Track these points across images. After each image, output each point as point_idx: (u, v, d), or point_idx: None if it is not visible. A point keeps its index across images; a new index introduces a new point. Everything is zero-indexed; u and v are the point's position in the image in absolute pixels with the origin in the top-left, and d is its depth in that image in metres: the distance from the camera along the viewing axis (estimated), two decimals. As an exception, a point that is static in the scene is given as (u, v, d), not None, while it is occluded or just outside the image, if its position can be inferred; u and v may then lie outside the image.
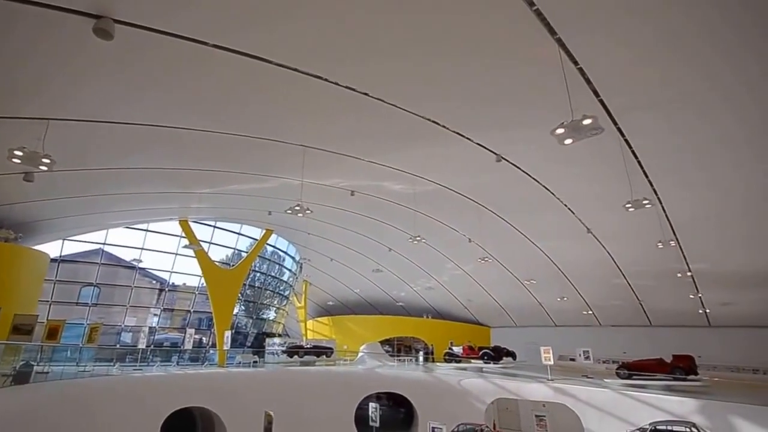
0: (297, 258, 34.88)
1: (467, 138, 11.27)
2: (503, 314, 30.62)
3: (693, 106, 9.29)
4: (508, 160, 12.42)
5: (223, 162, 13.94)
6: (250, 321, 32.00)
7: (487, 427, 16.50)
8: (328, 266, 31.71)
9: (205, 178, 15.22)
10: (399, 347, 35.26)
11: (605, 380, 18.53)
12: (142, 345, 21.44)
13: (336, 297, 39.29)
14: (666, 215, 13.93)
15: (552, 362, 19.23)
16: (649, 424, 12.73)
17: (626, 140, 10.52)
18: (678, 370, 17.33)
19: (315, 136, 11.75)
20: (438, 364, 26.18)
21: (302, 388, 18.83)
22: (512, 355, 25.50)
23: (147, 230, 24.14)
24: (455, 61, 8.37)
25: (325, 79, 8.70)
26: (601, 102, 9.12)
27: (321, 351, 25.26)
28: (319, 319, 42.15)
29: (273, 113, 10.57)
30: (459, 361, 25.42)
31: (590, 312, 25.55)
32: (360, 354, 26.34)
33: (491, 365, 23.88)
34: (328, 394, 18.61)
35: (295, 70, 8.29)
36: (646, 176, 11.89)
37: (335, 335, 35.45)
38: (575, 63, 8.01)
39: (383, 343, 32.01)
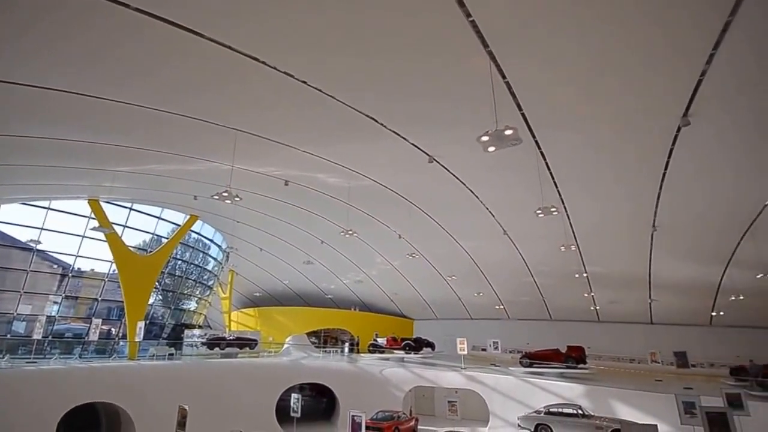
0: (223, 246, 33.11)
1: (403, 137, 11.49)
2: (426, 307, 31.84)
3: (602, 127, 10.39)
4: (439, 162, 12.88)
5: (144, 139, 12.76)
6: (168, 311, 29.76)
7: (403, 413, 17.12)
8: (257, 256, 30.57)
9: (121, 154, 13.68)
10: (326, 339, 35.20)
11: (510, 368, 20.12)
12: (37, 335, 18.98)
13: (263, 288, 38.03)
14: (570, 222, 15.44)
15: (466, 352, 20.42)
16: (544, 407, 14.07)
17: (542, 152, 11.44)
18: (570, 359, 19.34)
19: (248, 121, 11.21)
20: (362, 354, 26.58)
21: (222, 381, 18.01)
22: (432, 345, 26.62)
23: (48, 208, 21.27)
24: (395, 61, 8.48)
25: (263, 62, 8.32)
26: (523, 115, 9.80)
27: (244, 343, 24.31)
28: (244, 310, 40.51)
29: (201, 89, 9.80)
30: (383, 352, 25.98)
31: (502, 306, 27.53)
32: (285, 346, 25.83)
33: (412, 355, 24.74)
34: (249, 387, 18.00)
35: (229, 47, 7.83)
36: (556, 186, 13.05)
37: (261, 327, 34.36)
38: (503, 77, 8.52)
39: (310, 334, 31.71)
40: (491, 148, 7.35)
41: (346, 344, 29.56)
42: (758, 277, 16.02)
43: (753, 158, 10.79)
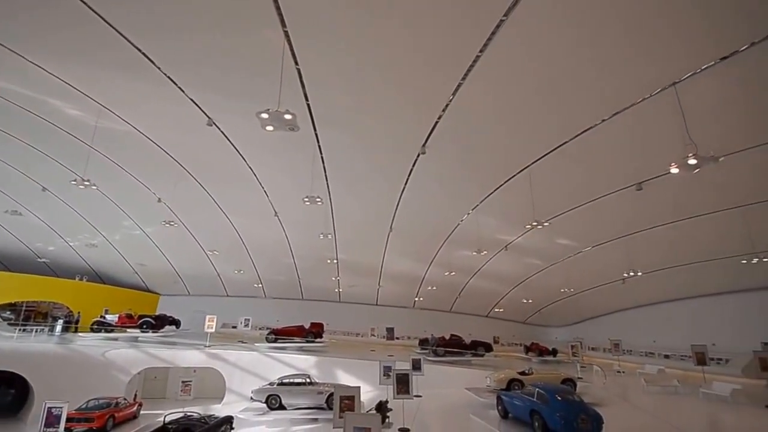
0: None
1: (180, 88, 10.05)
2: (178, 282, 28.75)
3: (373, 141, 11.89)
4: (219, 128, 11.86)
5: None
6: None
7: (124, 399, 14.90)
8: None
9: None
10: (29, 314, 26.80)
11: (256, 344, 20.45)
12: None
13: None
14: (332, 214, 17.03)
15: (213, 330, 19.56)
16: (278, 379, 14.94)
17: (320, 146, 12.19)
18: (311, 334, 21.28)
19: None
20: (82, 334, 21.54)
21: None
22: (176, 323, 24.20)
23: None
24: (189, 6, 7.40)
25: None
26: (308, 106, 10.20)
27: None
28: None
29: None
30: (112, 331, 21.81)
31: (260, 285, 27.72)
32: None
33: (150, 334, 21.79)
34: None
35: None
36: (326, 179, 14.15)
37: None
38: (296, 63, 8.65)
39: (4, 308, 23.56)
40: (269, 128, 7.33)
41: (60, 321, 23.33)
42: (446, 274, 21.84)
43: (456, 187, 14.59)
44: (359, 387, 9.09)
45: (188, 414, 11.88)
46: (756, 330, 17.76)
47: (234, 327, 24.39)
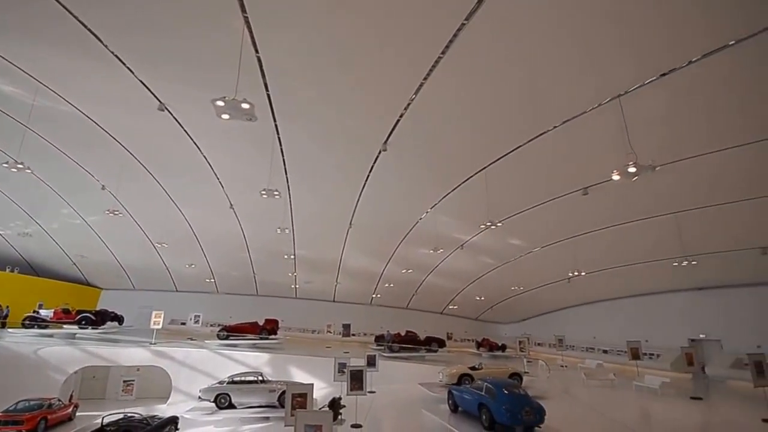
0: None
1: (129, 68, 9.37)
2: (122, 276, 27.03)
3: (334, 136, 11.70)
4: (172, 114, 11.21)
5: None
6: None
7: (58, 400, 13.79)
8: None
9: None
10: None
11: (206, 342, 19.65)
12: None
13: None
14: (291, 208, 16.65)
15: (160, 326, 18.57)
16: (228, 377, 14.39)
17: (279, 138, 11.84)
18: (265, 331, 20.76)
19: None
20: (12, 330, 19.67)
21: None
22: (119, 319, 22.77)
23: None
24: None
25: None
26: (269, 96, 9.87)
27: None
28: None
29: None
30: (47, 327, 20.12)
31: (213, 279, 26.65)
32: None
33: (89, 331, 20.34)
34: None
35: None
36: (286, 173, 13.79)
37: None
38: (256, 51, 8.33)
39: None
40: (225, 116, 7.02)
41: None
42: (403, 271, 22.06)
43: (416, 186, 14.73)
44: (312, 384, 8.94)
45: (129, 415, 11.21)
46: (684, 327, 19.40)
47: (183, 324, 23.33)
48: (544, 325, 29.12)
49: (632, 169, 7.55)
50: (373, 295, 28.37)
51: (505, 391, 9.24)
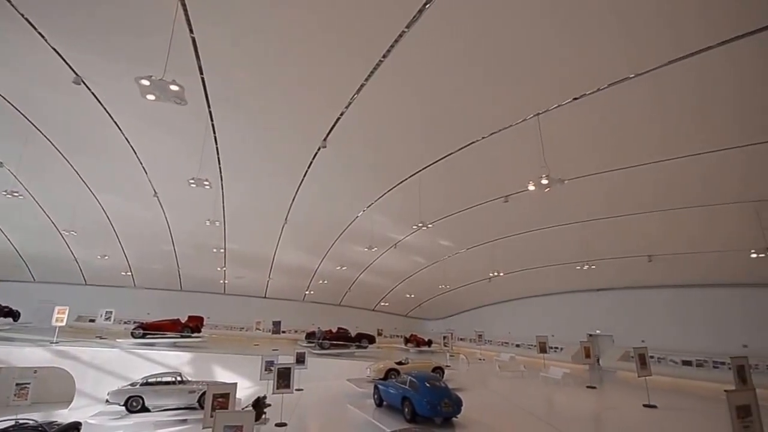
0: None
1: (40, 33, 8.18)
2: (21, 266, 23.66)
3: (271, 127, 11.21)
4: (89, 88, 9.99)
5: None
6: None
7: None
8: None
9: None
10: None
11: (118, 340, 17.91)
12: None
13: None
14: (223, 199, 15.73)
15: (64, 323, 16.57)
16: (142, 378, 13.19)
17: (213, 125, 11.11)
18: (188, 329, 19.40)
19: None
20: None
21: None
22: (14, 314, 19.91)
23: None
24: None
25: None
26: (203, 80, 9.21)
27: None
28: None
29: None
30: None
31: (130, 273, 24.30)
32: None
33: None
34: None
35: None
36: (219, 162, 12.99)
37: None
38: (191, 31, 7.74)
39: None
40: (150, 96, 6.42)
41: None
42: (338, 268, 21.95)
43: (354, 184, 14.73)
44: (236, 384, 8.54)
45: (21, 421, 9.80)
46: (584, 324, 21.61)
47: (92, 320, 21.02)
48: (467, 320, 30.75)
49: (545, 181, 8.25)
50: (307, 292, 27.83)
51: (428, 385, 9.59)
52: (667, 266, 16.36)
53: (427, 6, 6.57)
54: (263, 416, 10.24)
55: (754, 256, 11.87)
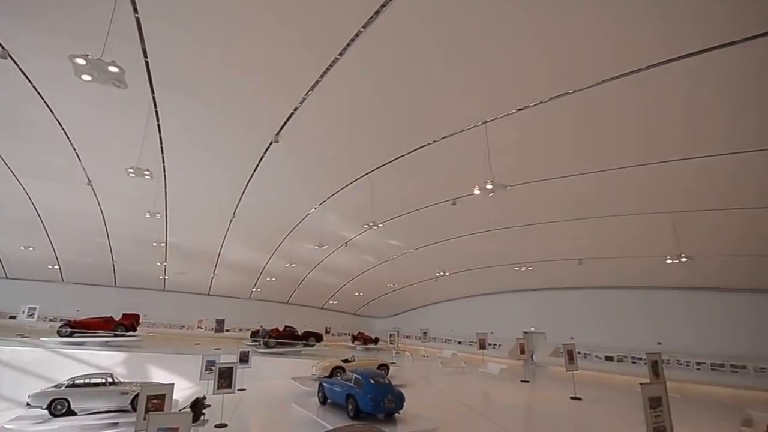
0: None
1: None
2: None
3: (220, 117, 10.69)
4: (16, 63, 8.93)
5: None
6: None
7: None
8: None
9: None
10: None
11: (42, 339, 16.26)
12: None
13: None
14: (165, 191, 14.78)
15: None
16: (68, 380, 12.06)
17: (157, 112, 10.41)
18: (121, 327, 18.01)
19: None
20: None
21: None
22: None
23: None
24: None
25: None
26: (147, 63, 8.61)
27: None
28: None
29: None
30: None
31: (57, 267, 22.10)
32: None
33: None
34: None
35: None
36: (162, 151, 12.19)
37: None
38: (135, 11, 7.21)
39: None
40: (86, 77, 5.90)
41: None
42: (286, 266, 21.45)
43: (306, 181, 14.49)
44: (173, 384, 8.07)
45: None
46: (520, 322, 22.88)
47: (13, 317, 18.94)
48: (413, 319, 31.36)
49: (489, 186, 8.65)
50: (253, 289, 26.89)
51: (372, 382, 9.66)
52: (596, 269, 17.80)
53: (383, 8, 6.64)
54: (202, 417, 9.80)
55: (669, 261, 13.20)
